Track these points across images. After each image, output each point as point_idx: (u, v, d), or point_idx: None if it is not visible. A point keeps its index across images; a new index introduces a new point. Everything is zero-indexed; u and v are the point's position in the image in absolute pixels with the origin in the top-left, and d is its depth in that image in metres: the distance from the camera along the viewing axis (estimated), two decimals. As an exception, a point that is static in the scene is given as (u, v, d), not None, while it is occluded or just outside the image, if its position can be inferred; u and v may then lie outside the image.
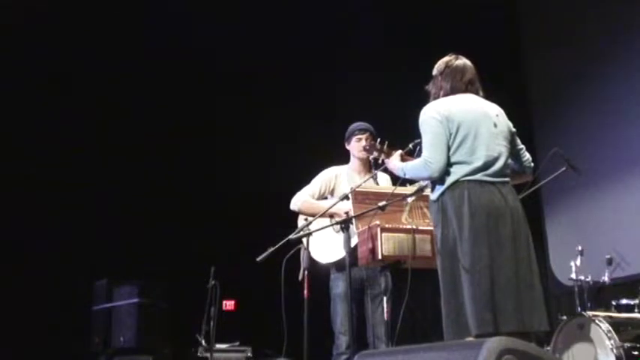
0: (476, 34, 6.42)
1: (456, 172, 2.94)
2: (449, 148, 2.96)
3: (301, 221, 4.06)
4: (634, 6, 6.04)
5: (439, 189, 2.98)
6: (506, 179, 3.01)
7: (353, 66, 6.64)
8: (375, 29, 6.68)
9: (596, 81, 6.41)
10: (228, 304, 5.16)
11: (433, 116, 3.00)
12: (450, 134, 2.97)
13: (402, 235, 3.34)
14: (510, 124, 3.14)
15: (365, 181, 3.78)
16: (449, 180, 2.94)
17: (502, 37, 7.06)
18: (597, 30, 6.47)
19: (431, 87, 3.20)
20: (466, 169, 2.93)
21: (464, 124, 2.97)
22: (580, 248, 4.97)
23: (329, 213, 3.68)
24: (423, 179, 3.21)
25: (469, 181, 2.92)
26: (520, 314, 2.78)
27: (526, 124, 6.79)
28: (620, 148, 6.08)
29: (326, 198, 4.14)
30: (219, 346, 5.03)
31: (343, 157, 4.26)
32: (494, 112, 3.08)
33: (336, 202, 3.64)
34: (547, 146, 4.86)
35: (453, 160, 2.96)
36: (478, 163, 2.94)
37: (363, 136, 4.11)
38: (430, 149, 2.98)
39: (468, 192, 2.89)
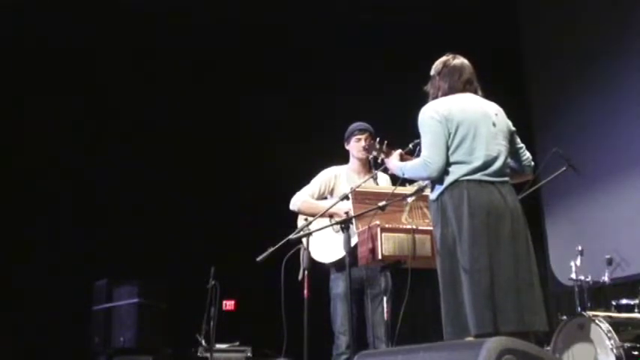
0: (476, 33, 6.43)
1: (455, 172, 2.94)
2: (448, 148, 2.96)
3: (301, 221, 4.05)
4: (634, 6, 6.04)
5: (438, 189, 2.98)
6: (506, 179, 3.01)
7: (353, 66, 6.64)
8: (375, 28, 6.68)
9: (596, 81, 6.41)
10: (228, 304, 5.16)
11: (432, 116, 3.00)
12: (449, 134, 2.96)
13: (402, 235, 3.33)
14: (510, 123, 3.14)
15: (365, 181, 3.78)
16: (448, 180, 2.94)
17: (502, 37, 7.06)
18: (597, 30, 6.46)
19: (429, 87, 3.19)
20: (465, 168, 2.93)
21: (463, 124, 2.96)
22: (580, 248, 4.96)
23: (329, 213, 3.68)
24: (422, 179, 3.21)
25: (468, 180, 2.91)
26: (520, 314, 2.77)
27: (526, 124, 6.79)
28: (620, 148, 6.07)
29: (325, 198, 4.14)
30: (219, 346, 5.03)
31: (343, 157, 4.26)
32: (493, 111, 3.08)
33: (336, 202, 3.64)
34: (547, 146, 4.86)
35: (452, 159, 2.96)
36: (477, 162, 2.93)
37: (363, 137, 4.10)
38: (429, 149, 2.97)
39: (467, 192, 2.89)
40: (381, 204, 3.26)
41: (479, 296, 2.76)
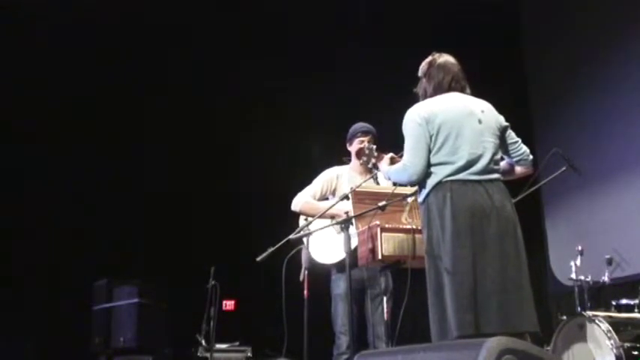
0: (476, 33, 6.43)
1: (438, 173, 2.90)
2: (430, 150, 2.93)
3: (302, 221, 4.06)
4: (634, 6, 6.04)
5: (424, 191, 2.95)
6: (494, 176, 2.94)
7: (353, 65, 6.64)
8: (375, 27, 6.68)
9: (596, 81, 6.41)
10: (228, 304, 5.16)
11: (413, 119, 2.98)
12: (431, 136, 2.93)
13: (402, 235, 3.33)
14: (500, 119, 3.08)
15: (365, 181, 3.78)
16: (432, 181, 2.91)
17: (502, 37, 7.06)
18: (597, 30, 6.47)
19: (418, 89, 3.17)
20: (449, 169, 2.89)
21: (445, 125, 2.93)
22: (580, 248, 4.96)
23: (329, 214, 3.67)
24: (404, 183, 3.18)
25: (452, 181, 2.87)
26: (505, 315, 2.72)
27: (526, 124, 6.80)
28: (620, 147, 6.07)
29: (327, 198, 4.13)
30: (219, 346, 5.03)
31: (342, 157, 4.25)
32: (479, 108, 3.02)
33: (336, 203, 3.64)
34: (547, 146, 4.86)
35: (435, 161, 2.93)
36: (461, 162, 2.89)
37: (366, 139, 4.10)
38: (410, 152, 2.96)
39: (450, 193, 2.85)
40: (381, 204, 3.26)
41: (460, 298, 2.72)
